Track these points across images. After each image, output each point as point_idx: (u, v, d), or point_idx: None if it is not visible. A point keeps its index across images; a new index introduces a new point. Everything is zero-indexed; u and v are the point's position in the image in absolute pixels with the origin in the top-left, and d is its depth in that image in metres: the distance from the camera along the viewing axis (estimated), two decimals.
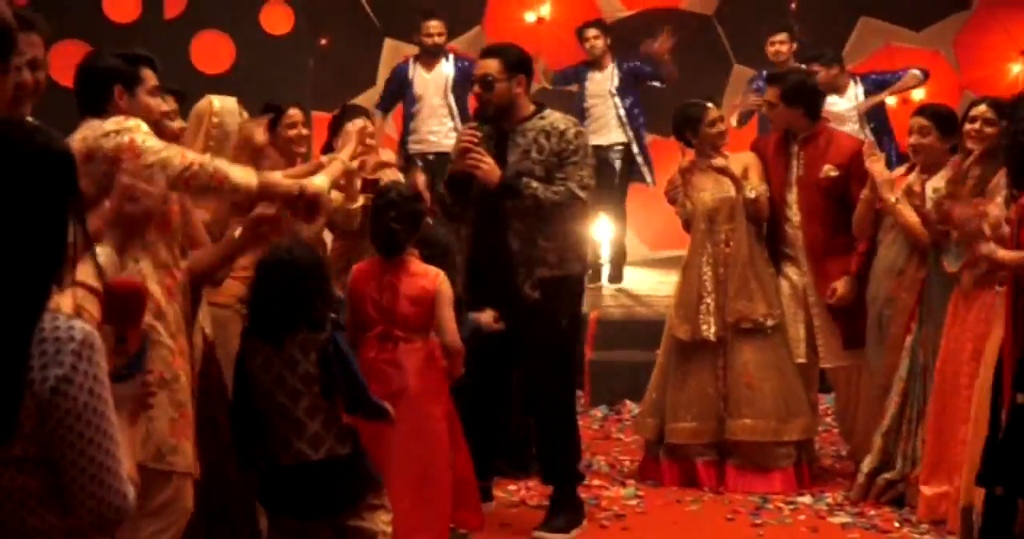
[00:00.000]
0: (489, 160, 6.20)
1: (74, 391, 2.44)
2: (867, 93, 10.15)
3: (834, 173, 7.16)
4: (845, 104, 10.08)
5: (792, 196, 7.29)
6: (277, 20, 10.63)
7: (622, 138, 11.00)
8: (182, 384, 4.56)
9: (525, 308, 6.26)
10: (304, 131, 6.83)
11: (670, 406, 7.31)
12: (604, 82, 11.06)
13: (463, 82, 10.65)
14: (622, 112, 10.99)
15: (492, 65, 6.28)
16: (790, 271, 7.36)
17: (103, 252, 3.86)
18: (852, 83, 10.18)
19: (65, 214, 2.52)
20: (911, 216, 6.64)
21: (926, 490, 6.44)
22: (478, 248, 6.40)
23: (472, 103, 8.93)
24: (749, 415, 7.19)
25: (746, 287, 7.19)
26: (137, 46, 4.85)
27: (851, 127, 9.76)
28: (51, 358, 2.43)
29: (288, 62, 10.44)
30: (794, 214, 7.29)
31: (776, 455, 7.24)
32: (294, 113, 6.75)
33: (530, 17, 12.55)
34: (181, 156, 4.46)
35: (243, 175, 4.61)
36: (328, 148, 6.88)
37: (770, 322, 7.21)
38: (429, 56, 11.00)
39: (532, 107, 6.36)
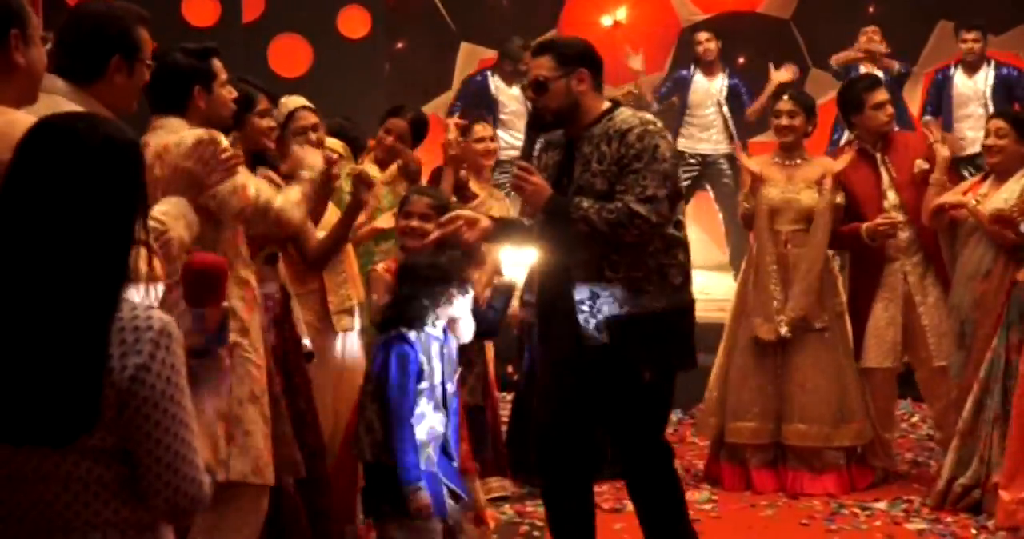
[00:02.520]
0: (536, 178, 5.17)
1: (152, 379, 2.46)
2: None
3: (926, 166, 7.09)
4: None
5: (889, 201, 7.20)
6: (354, 24, 10.72)
7: (727, 147, 11.01)
8: (267, 398, 4.63)
9: (594, 356, 5.21)
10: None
11: (731, 405, 7.30)
12: (713, 88, 11.04)
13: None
14: (730, 121, 10.99)
15: (543, 63, 5.26)
16: (890, 275, 7.29)
17: (165, 202, 3.96)
18: None
19: (134, 206, 2.55)
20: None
21: (1005, 496, 6.36)
22: (545, 286, 5.43)
23: None
24: (802, 419, 7.17)
25: (811, 289, 7.13)
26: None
27: None
28: (130, 347, 2.46)
29: (365, 66, 10.52)
30: (899, 217, 7.16)
31: (828, 458, 7.23)
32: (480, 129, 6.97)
33: (606, 21, 12.55)
34: (241, 195, 4.49)
35: (294, 205, 4.71)
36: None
37: (823, 326, 7.16)
38: (516, 75, 10.91)
39: (603, 107, 5.28)
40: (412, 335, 4.94)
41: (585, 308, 5.13)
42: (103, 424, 2.46)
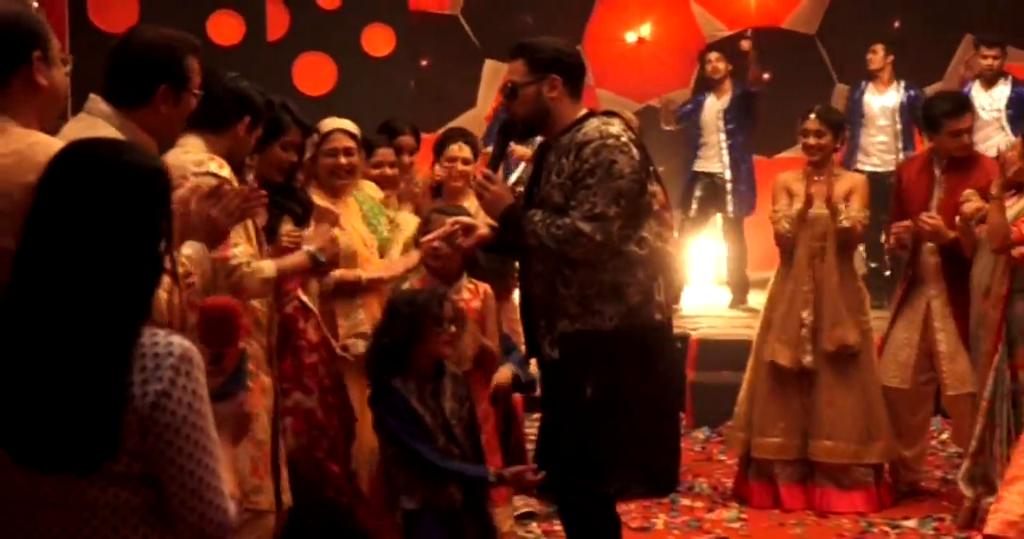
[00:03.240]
0: (496, 187, 5.02)
1: (173, 405, 2.45)
2: None
3: (972, 202, 6.77)
4: None
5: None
6: (379, 42, 10.71)
7: (719, 166, 11.00)
8: (262, 422, 4.60)
9: (548, 372, 5.11)
10: (389, 171, 6.66)
11: (758, 421, 7.26)
12: (717, 107, 11.02)
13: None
14: (723, 138, 10.95)
15: (516, 68, 5.05)
16: (917, 297, 7.23)
17: (191, 246, 3.91)
18: None
19: (158, 233, 2.54)
20: (996, 217, 6.44)
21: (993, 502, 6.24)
22: (521, 294, 5.31)
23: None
24: (830, 436, 7.13)
25: (839, 314, 7.09)
26: (240, 68, 4.88)
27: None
28: (151, 373, 2.44)
29: (389, 84, 10.50)
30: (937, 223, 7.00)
31: (856, 475, 7.18)
32: (384, 153, 6.68)
33: (631, 37, 12.54)
34: (222, 251, 4.38)
35: (259, 281, 4.56)
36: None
37: (858, 348, 7.12)
38: None
39: (576, 116, 5.03)
40: (397, 382, 4.93)
41: (541, 322, 4.99)
42: (127, 450, 2.45)
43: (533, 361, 5.38)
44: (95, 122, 3.52)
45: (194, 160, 4.32)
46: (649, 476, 5.02)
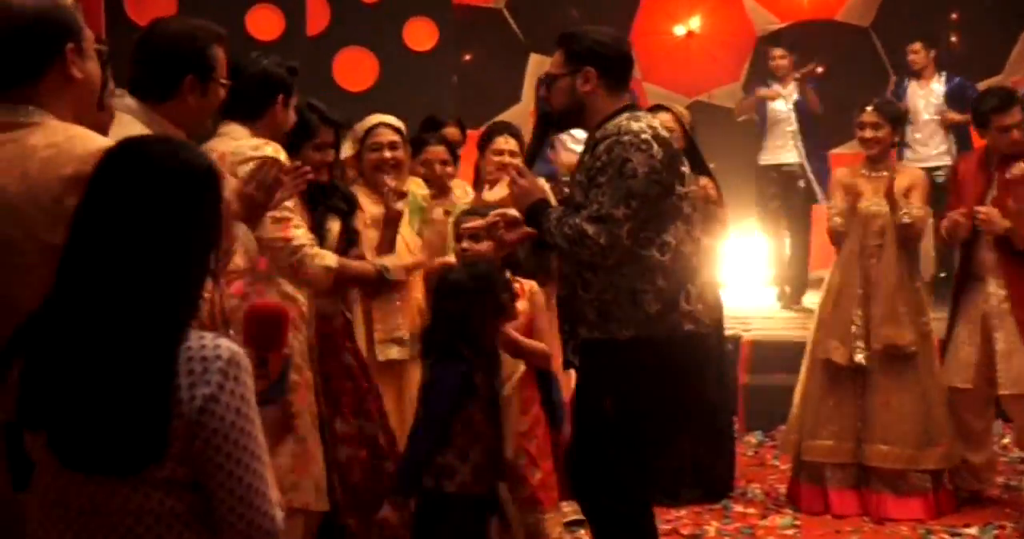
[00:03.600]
0: (525, 180, 5.00)
1: (221, 410, 2.44)
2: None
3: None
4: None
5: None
6: (421, 36, 10.72)
7: (796, 157, 10.98)
8: (304, 419, 4.60)
9: (577, 374, 5.07)
10: (439, 169, 6.64)
11: (809, 423, 7.21)
12: (786, 101, 11.00)
13: (962, 99, 10.72)
14: (795, 128, 10.95)
15: (556, 58, 5.02)
16: (975, 294, 7.18)
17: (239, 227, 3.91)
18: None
19: (209, 234, 2.54)
20: None
21: None
22: (557, 296, 5.23)
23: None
24: (885, 440, 7.06)
25: (894, 312, 7.03)
26: None
27: None
28: (198, 377, 2.44)
29: (432, 79, 10.51)
30: (986, 236, 7.04)
31: (913, 481, 7.10)
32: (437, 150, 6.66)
33: (679, 30, 12.50)
34: (282, 226, 4.43)
35: (322, 268, 4.56)
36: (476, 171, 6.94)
37: (913, 348, 7.06)
38: None
39: (612, 110, 4.94)
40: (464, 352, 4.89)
41: (565, 327, 4.95)
42: (173, 455, 2.44)
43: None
44: (121, 118, 3.53)
45: (251, 144, 4.35)
46: (700, 481, 4.99)
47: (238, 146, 4.35)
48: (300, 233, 4.47)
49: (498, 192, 6.36)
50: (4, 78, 3.05)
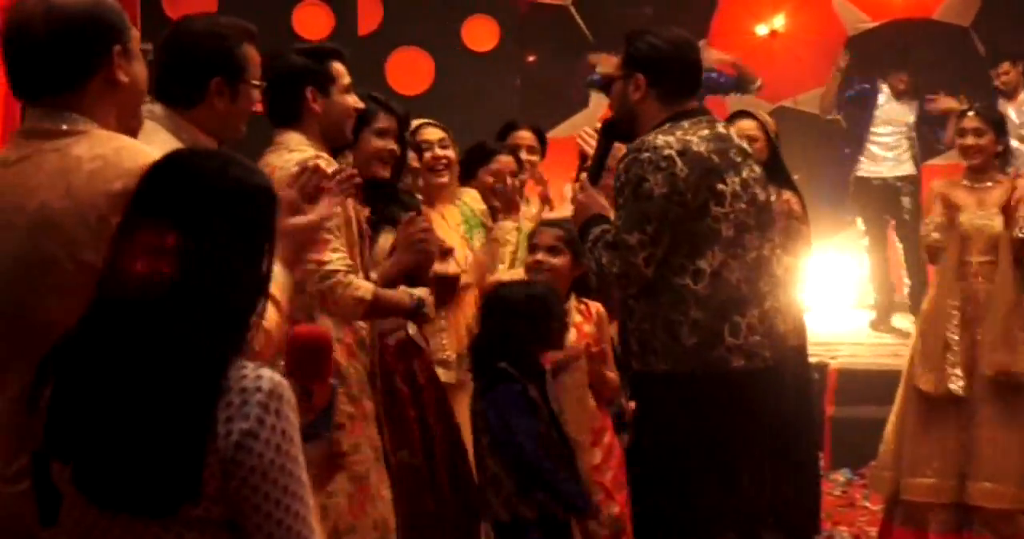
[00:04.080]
0: (583, 194, 4.96)
1: (260, 447, 2.42)
2: None
3: None
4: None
5: None
6: (481, 35, 10.72)
7: (912, 170, 10.94)
8: (364, 454, 4.56)
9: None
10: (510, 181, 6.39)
11: (908, 459, 7.10)
12: (903, 108, 10.97)
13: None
14: (908, 135, 10.93)
15: (618, 60, 5.03)
16: None
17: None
18: None
19: (262, 257, 2.52)
20: None
21: None
22: None
23: None
24: (991, 477, 6.95)
25: (1009, 336, 6.92)
26: None
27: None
28: (236, 410, 2.42)
29: (493, 82, 10.52)
30: None
31: (1021, 524, 6.97)
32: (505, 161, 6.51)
33: (761, 30, 12.44)
34: (318, 253, 4.31)
35: (352, 299, 4.44)
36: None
37: None
38: None
39: (657, 121, 4.85)
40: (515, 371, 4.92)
41: (618, 356, 5.00)
42: (208, 494, 2.42)
43: None
44: (146, 126, 3.52)
45: (300, 158, 4.29)
46: (782, 523, 4.95)
47: (285, 161, 4.31)
48: (336, 258, 4.38)
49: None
50: (46, 83, 3.06)
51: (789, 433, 6.73)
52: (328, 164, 4.28)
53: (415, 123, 6.00)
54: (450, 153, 6.02)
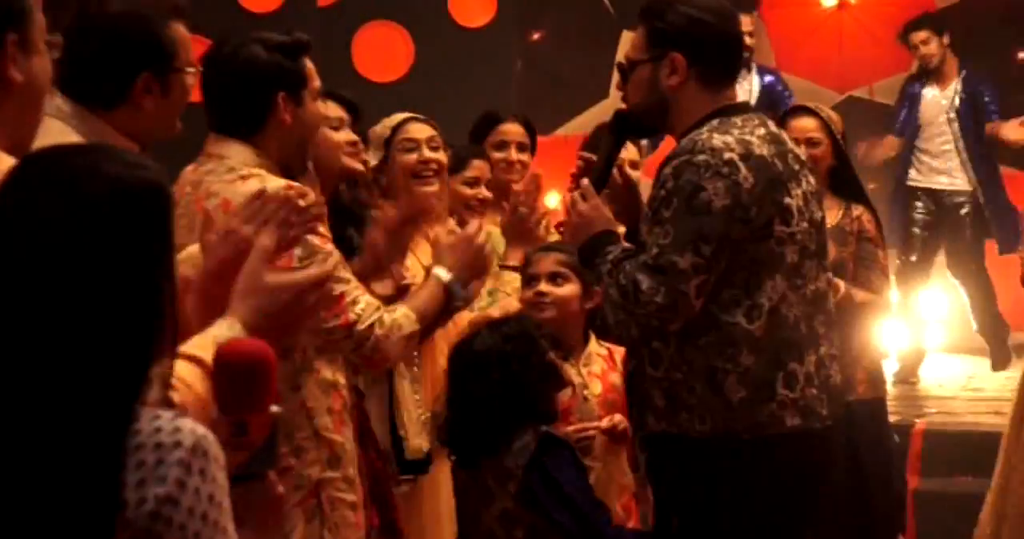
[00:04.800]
0: (586, 205, 4.80)
1: (181, 517, 2.43)
2: None
3: None
4: None
5: None
6: (472, 7, 10.77)
7: (966, 184, 11.00)
8: (344, 516, 4.62)
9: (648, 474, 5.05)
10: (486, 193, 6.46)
11: None
12: (941, 102, 10.97)
13: (770, 105, 10.64)
14: (961, 145, 10.92)
15: (635, 39, 4.89)
16: None
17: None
18: None
19: (155, 276, 2.52)
20: None
21: None
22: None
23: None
24: None
25: None
26: None
27: None
28: (150, 472, 2.43)
29: (487, 65, 10.55)
30: None
31: None
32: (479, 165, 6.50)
33: (828, 1, 12.46)
34: (337, 309, 4.34)
35: (403, 340, 4.51)
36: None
37: None
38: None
39: (702, 115, 4.78)
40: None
41: (633, 412, 4.87)
42: None
43: None
44: (49, 125, 3.50)
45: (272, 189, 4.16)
46: None
47: (237, 190, 4.22)
48: (362, 308, 4.37)
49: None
50: None
51: (847, 509, 6.76)
52: (298, 194, 4.17)
53: (397, 117, 6.02)
54: (440, 156, 5.97)
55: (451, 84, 10.08)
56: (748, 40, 10.70)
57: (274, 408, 2.84)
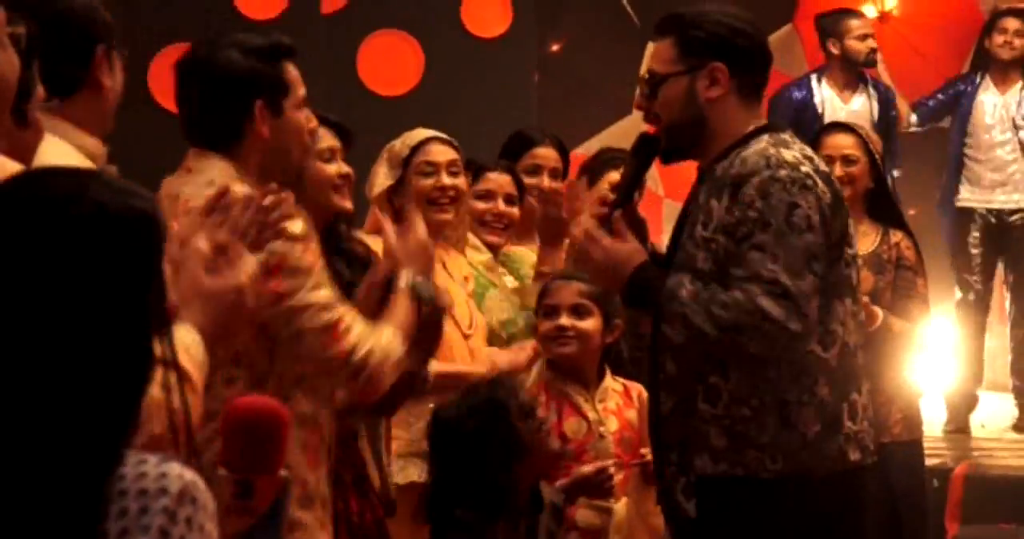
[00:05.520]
0: (609, 241, 4.73)
1: None
2: None
3: None
4: None
5: None
6: (487, 16, 10.78)
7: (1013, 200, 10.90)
8: None
9: (682, 534, 4.89)
10: (504, 208, 6.43)
11: None
12: (1002, 107, 10.93)
13: (886, 117, 10.69)
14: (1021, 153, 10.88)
15: (661, 50, 4.84)
16: None
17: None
18: None
19: (143, 309, 2.52)
20: None
21: None
22: (649, 406, 5.08)
23: None
24: None
25: None
26: None
27: None
28: (133, 521, 2.42)
29: (502, 77, 10.55)
30: None
31: None
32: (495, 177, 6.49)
33: (869, 11, 12.46)
34: (333, 338, 4.31)
35: (395, 365, 4.45)
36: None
37: None
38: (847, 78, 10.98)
39: (745, 130, 4.77)
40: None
41: (672, 456, 4.75)
42: None
43: None
44: (53, 141, 3.52)
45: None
46: None
47: (198, 191, 4.21)
48: (355, 336, 4.32)
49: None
50: None
51: None
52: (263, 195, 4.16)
53: (418, 135, 6.01)
54: (460, 182, 5.96)
55: (464, 98, 10.08)
56: (872, 43, 10.76)
57: (283, 472, 2.84)
